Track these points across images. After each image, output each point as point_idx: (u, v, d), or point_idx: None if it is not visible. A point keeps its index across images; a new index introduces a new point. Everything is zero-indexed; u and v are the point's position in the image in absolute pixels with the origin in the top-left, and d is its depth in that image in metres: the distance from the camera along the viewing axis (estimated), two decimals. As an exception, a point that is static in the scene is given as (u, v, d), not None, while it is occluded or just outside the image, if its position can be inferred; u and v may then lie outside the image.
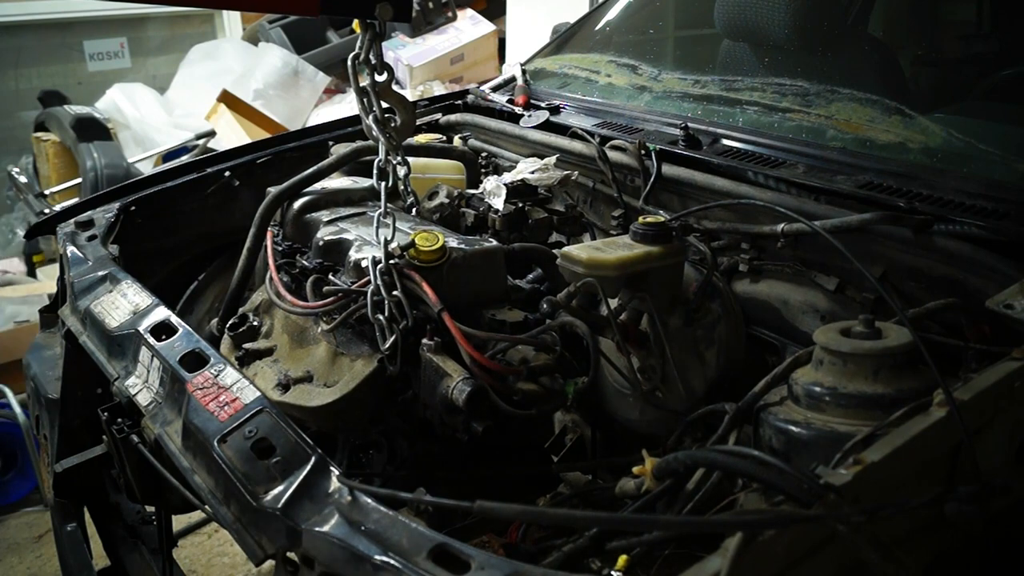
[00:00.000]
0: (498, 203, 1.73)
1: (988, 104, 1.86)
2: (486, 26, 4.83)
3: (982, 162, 1.55)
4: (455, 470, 1.52)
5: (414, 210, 1.79)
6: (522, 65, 2.52)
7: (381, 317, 1.39)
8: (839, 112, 1.76)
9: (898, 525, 0.88)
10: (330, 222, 1.68)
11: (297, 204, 1.76)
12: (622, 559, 0.92)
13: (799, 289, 1.51)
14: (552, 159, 1.88)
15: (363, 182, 1.88)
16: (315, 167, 1.80)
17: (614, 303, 1.48)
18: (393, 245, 1.43)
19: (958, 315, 1.26)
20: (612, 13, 2.61)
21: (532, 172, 1.81)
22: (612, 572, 0.92)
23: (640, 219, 1.47)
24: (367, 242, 1.55)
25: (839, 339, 1.11)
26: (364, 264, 1.45)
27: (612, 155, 1.88)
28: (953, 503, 0.83)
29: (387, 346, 1.38)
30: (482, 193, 1.79)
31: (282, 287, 1.59)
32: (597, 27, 2.62)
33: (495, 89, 2.49)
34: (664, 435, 1.42)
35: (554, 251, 1.73)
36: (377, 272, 1.40)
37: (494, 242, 1.59)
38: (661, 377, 1.50)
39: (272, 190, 1.77)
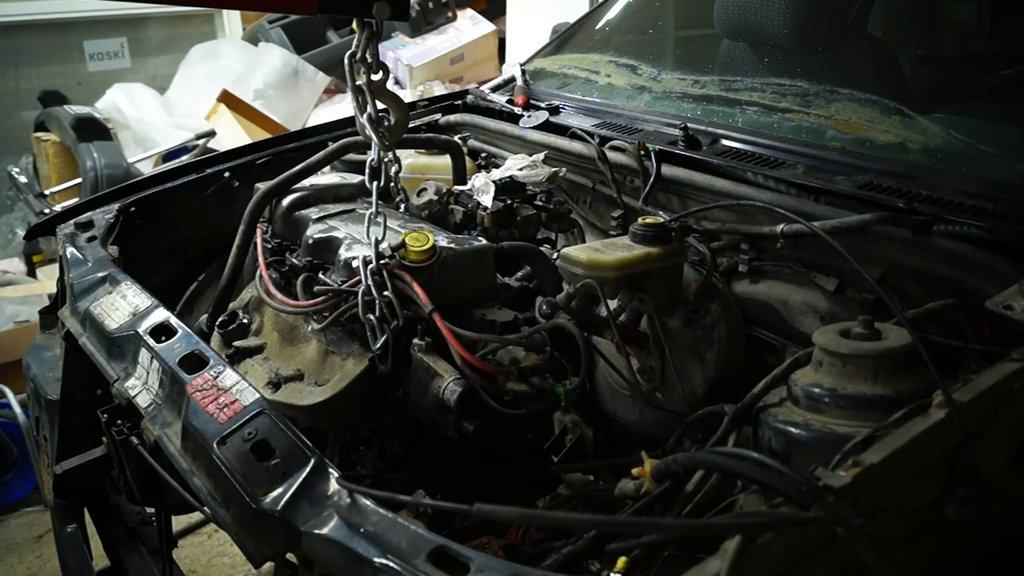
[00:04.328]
0: (487, 200, 1.73)
1: (988, 104, 1.86)
2: (486, 26, 4.83)
3: (982, 162, 1.54)
4: (454, 472, 1.52)
5: (403, 207, 1.79)
6: (522, 65, 2.52)
7: (372, 317, 1.39)
8: (839, 112, 1.76)
9: (897, 527, 0.88)
10: (319, 219, 1.69)
11: (286, 201, 1.77)
12: (621, 561, 0.92)
13: (799, 290, 1.51)
14: (540, 156, 1.88)
15: (352, 178, 1.88)
16: (303, 163, 1.80)
17: (613, 304, 1.48)
18: (384, 245, 1.43)
19: (957, 316, 1.26)
20: (612, 13, 2.61)
21: (521, 169, 1.81)
22: (611, 574, 0.92)
23: (639, 220, 1.47)
24: (357, 240, 1.56)
25: (838, 340, 1.11)
26: (355, 264, 1.45)
27: (611, 155, 1.88)
28: (951, 505, 0.83)
29: (378, 346, 1.38)
30: (471, 190, 1.79)
31: (272, 285, 1.59)
32: (597, 27, 2.62)
33: (495, 89, 2.49)
34: (664, 436, 1.42)
35: (543, 248, 1.73)
36: (368, 272, 1.40)
37: (483, 241, 1.60)
38: (661, 378, 1.50)
39: (260, 186, 1.77)
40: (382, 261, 1.42)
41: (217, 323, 1.69)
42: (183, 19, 5.90)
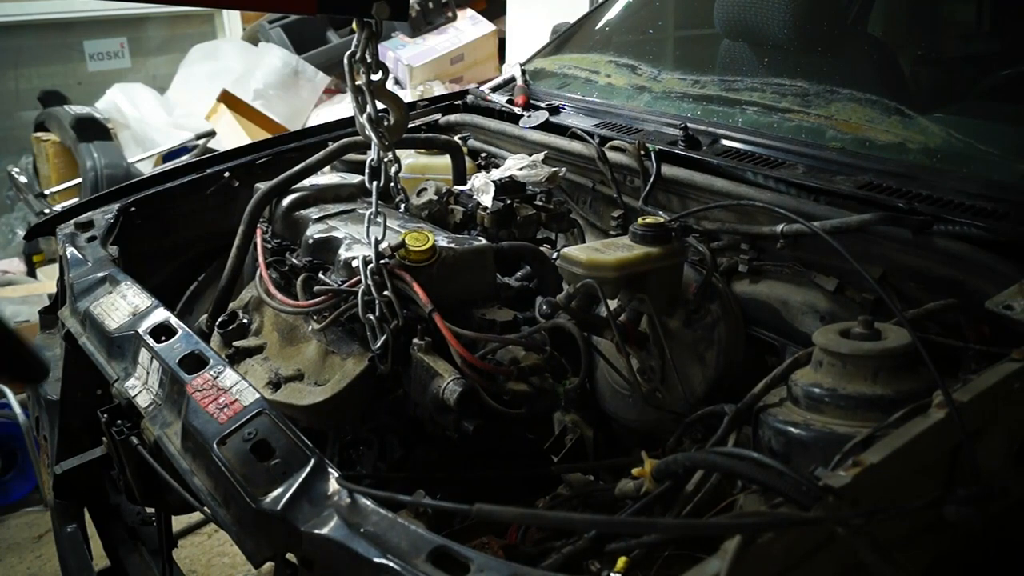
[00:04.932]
0: (487, 200, 1.73)
1: (988, 104, 1.86)
2: (486, 26, 4.84)
3: (982, 162, 1.54)
4: (454, 472, 1.52)
5: (402, 207, 1.79)
6: (522, 65, 2.52)
7: (372, 317, 1.39)
8: (839, 112, 1.76)
9: (897, 527, 0.88)
10: (319, 219, 1.69)
11: (286, 201, 1.77)
12: (621, 561, 0.92)
13: (799, 290, 1.51)
14: (540, 156, 1.88)
15: (352, 178, 1.88)
16: (302, 163, 1.80)
17: (614, 304, 1.48)
18: (384, 245, 1.43)
19: (957, 316, 1.26)
20: (612, 13, 2.61)
21: (520, 169, 1.81)
22: (611, 574, 0.92)
23: (639, 220, 1.47)
24: (356, 240, 1.56)
25: (838, 340, 1.11)
26: (355, 264, 1.45)
27: (611, 155, 1.88)
28: (951, 505, 0.83)
29: (378, 345, 1.38)
30: (471, 190, 1.79)
31: (272, 285, 1.59)
32: (597, 27, 2.62)
33: (495, 89, 2.49)
34: (664, 436, 1.42)
35: (543, 248, 1.73)
36: (367, 272, 1.40)
37: (483, 241, 1.60)
38: (661, 378, 1.50)
39: (260, 186, 1.77)
40: (382, 261, 1.42)
41: (217, 323, 1.69)
42: (183, 19, 5.90)
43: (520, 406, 1.36)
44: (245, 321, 1.69)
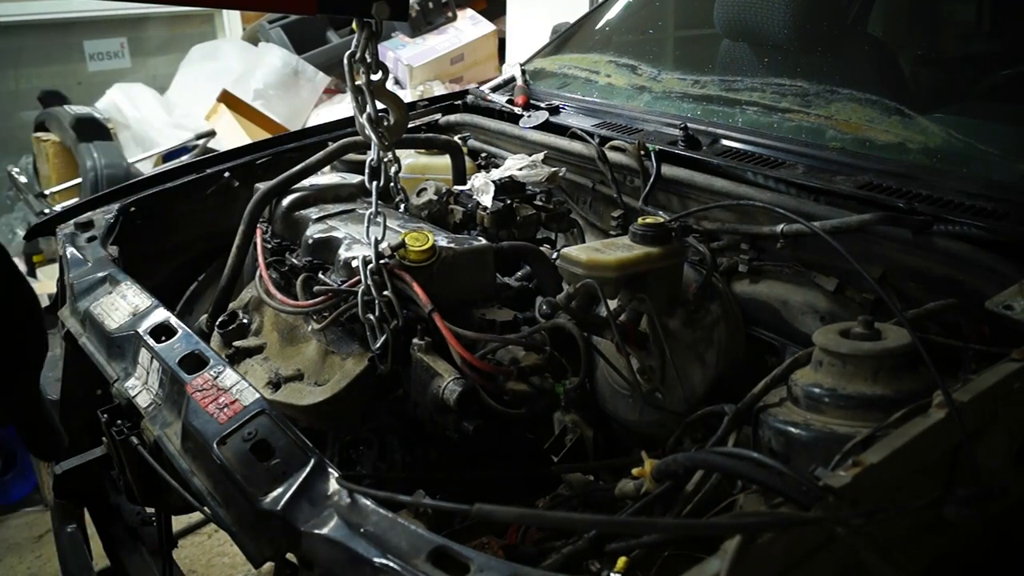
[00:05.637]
0: (486, 200, 1.73)
1: (988, 104, 1.86)
2: (486, 26, 4.84)
3: (982, 162, 1.54)
4: (455, 472, 1.52)
5: (402, 207, 1.79)
6: (522, 65, 2.52)
7: (372, 317, 1.39)
8: (839, 112, 1.76)
9: (897, 527, 0.88)
10: (319, 219, 1.69)
11: (286, 201, 1.77)
12: (621, 561, 0.92)
13: (799, 290, 1.51)
14: (540, 156, 1.88)
15: (351, 178, 1.88)
16: (302, 163, 1.80)
17: (613, 304, 1.48)
18: (383, 245, 1.44)
19: (957, 316, 1.26)
20: (612, 13, 2.61)
21: (520, 169, 1.81)
22: (611, 574, 0.92)
23: (639, 220, 1.47)
24: (356, 240, 1.56)
25: (838, 340, 1.11)
26: (354, 264, 1.45)
27: (612, 155, 1.88)
28: (951, 505, 0.83)
29: (378, 345, 1.38)
30: (470, 190, 1.79)
31: (272, 285, 1.59)
32: (597, 27, 2.62)
33: (495, 89, 2.49)
34: (664, 436, 1.42)
35: (543, 248, 1.73)
36: (367, 272, 1.40)
37: (483, 241, 1.60)
38: (661, 378, 1.50)
39: (260, 186, 1.78)
40: (382, 261, 1.42)
41: (217, 323, 1.69)
42: (183, 19, 5.90)
43: (520, 406, 1.36)
44: (245, 321, 1.70)
